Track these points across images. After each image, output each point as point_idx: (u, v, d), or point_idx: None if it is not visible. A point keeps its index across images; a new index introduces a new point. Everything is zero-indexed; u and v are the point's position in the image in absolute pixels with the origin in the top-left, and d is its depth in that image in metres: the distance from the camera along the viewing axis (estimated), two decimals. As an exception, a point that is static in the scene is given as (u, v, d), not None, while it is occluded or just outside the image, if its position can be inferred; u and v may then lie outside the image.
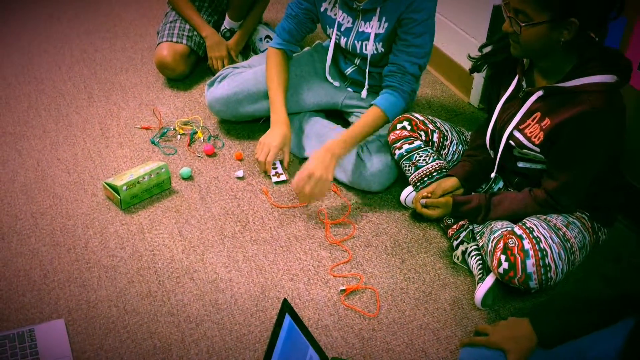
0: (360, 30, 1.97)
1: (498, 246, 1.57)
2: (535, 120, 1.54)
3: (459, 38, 2.48)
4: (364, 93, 2.13)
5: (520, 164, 1.67)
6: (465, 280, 1.76)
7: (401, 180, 2.04)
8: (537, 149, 1.55)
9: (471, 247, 1.76)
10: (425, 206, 1.77)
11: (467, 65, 2.37)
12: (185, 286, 1.71)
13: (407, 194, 1.95)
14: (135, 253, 1.80)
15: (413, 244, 1.87)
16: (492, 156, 1.72)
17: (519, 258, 1.51)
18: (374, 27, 1.93)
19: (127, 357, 1.52)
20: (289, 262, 1.79)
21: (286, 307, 1.38)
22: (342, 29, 2.01)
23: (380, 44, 1.95)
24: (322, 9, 2.02)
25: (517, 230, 1.56)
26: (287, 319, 1.38)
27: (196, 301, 1.67)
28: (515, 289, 1.64)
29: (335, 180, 2.08)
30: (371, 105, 1.95)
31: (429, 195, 1.76)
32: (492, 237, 1.62)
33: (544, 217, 1.60)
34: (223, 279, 1.73)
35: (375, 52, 1.97)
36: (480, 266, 1.70)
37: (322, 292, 1.71)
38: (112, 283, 1.71)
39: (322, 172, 1.82)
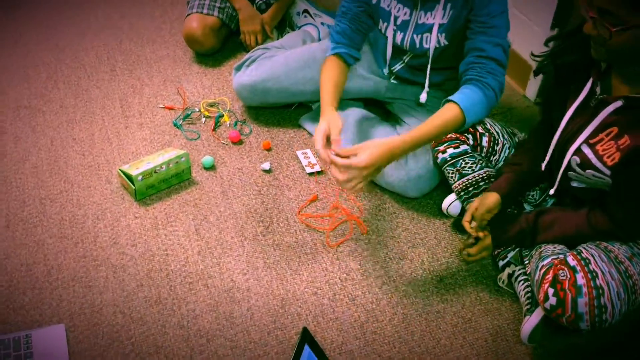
0: (420, 22, 1.68)
1: (546, 277, 1.36)
2: (611, 137, 1.30)
3: (517, 22, 2.21)
4: (423, 97, 1.80)
5: (575, 184, 1.44)
6: (510, 308, 1.56)
7: (443, 185, 1.83)
8: (608, 172, 1.32)
9: (519, 270, 1.56)
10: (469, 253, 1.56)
11: (523, 51, 2.12)
12: (198, 294, 1.55)
13: (450, 202, 1.74)
14: (147, 252, 1.65)
15: (453, 260, 1.67)
16: (544, 170, 1.50)
17: (570, 295, 1.30)
18: (437, 16, 1.65)
19: (130, 373, 1.39)
20: (314, 273, 1.62)
21: (306, 338, 1.22)
22: (399, 22, 1.71)
23: (444, 35, 1.67)
24: (374, 1, 1.72)
25: (571, 260, 1.34)
26: (307, 349, 1.22)
27: (209, 312, 1.51)
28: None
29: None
30: (446, 101, 1.59)
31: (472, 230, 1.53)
32: (540, 265, 1.40)
33: (604, 245, 1.38)
34: (240, 289, 1.57)
35: (438, 45, 1.70)
36: (529, 294, 1.49)
37: (348, 311, 1.53)
38: (119, 285, 1.56)
39: (374, 172, 1.48)
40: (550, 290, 1.33)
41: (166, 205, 1.79)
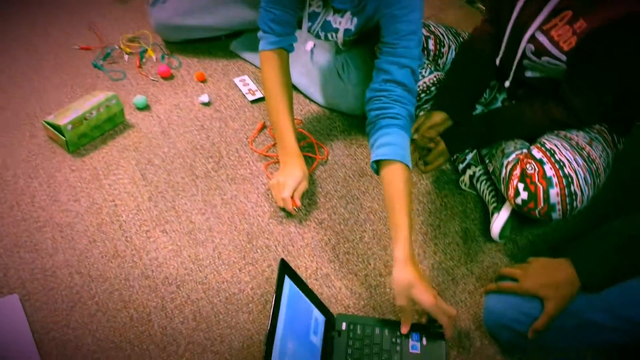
0: (327, 19, 1.55)
1: (514, 173, 1.36)
2: (565, 21, 1.28)
3: None
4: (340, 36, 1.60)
5: (529, 74, 1.43)
6: (475, 209, 1.57)
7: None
8: (564, 57, 1.30)
9: (479, 171, 1.56)
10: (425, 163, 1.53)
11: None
12: (157, 241, 1.46)
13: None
14: (93, 205, 1.52)
15: (414, 170, 1.64)
16: (498, 64, 1.47)
17: (541, 187, 1.31)
18: (343, 23, 1.53)
19: (100, 333, 1.29)
20: (275, 202, 1.55)
21: (285, 269, 1.17)
22: (310, 11, 1.56)
23: (351, 35, 1.57)
24: None
25: (536, 152, 1.35)
26: (287, 281, 1.17)
27: (173, 258, 1.43)
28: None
29: (312, 101, 1.82)
30: (376, 163, 1.36)
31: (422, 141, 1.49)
32: (505, 162, 1.40)
33: (564, 133, 1.40)
34: (201, 229, 1.49)
35: (346, 38, 1.60)
36: (493, 193, 1.50)
37: (317, 236, 1.49)
38: (69, 244, 1.44)
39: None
40: (520, 185, 1.33)
41: (104, 154, 1.65)
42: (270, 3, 1.49)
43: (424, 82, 1.58)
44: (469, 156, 1.57)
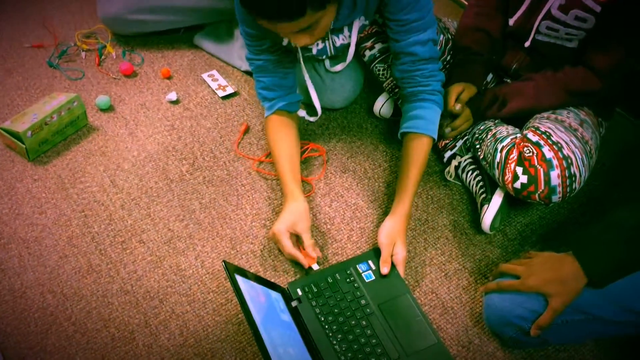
0: (337, 45, 1.46)
1: (510, 157, 1.33)
2: None
3: None
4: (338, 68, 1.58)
5: (541, 37, 1.39)
6: (462, 200, 1.53)
7: (370, 86, 1.73)
8: (598, 8, 1.25)
9: (465, 160, 1.52)
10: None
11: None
12: (135, 252, 1.37)
13: (382, 103, 1.65)
14: (60, 217, 1.42)
15: (395, 162, 1.60)
16: (513, 25, 1.43)
17: (541, 169, 1.28)
18: (353, 32, 1.41)
19: (81, 357, 1.20)
20: (257, 204, 1.48)
21: (231, 270, 1.11)
22: (314, 52, 1.47)
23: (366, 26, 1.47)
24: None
25: (532, 136, 1.32)
26: (240, 279, 1.11)
27: (153, 270, 1.34)
28: (520, 202, 1.44)
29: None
30: (404, 134, 1.40)
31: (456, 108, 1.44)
32: (499, 147, 1.37)
33: (554, 116, 1.38)
34: (181, 237, 1.40)
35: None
36: (481, 183, 1.47)
37: (304, 237, 1.43)
38: (38, 261, 1.34)
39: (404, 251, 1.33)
40: (519, 169, 1.30)
41: (68, 160, 1.54)
42: (257, 73, 1.45)
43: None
44: (459, 143, 1.53)
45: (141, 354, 1.21)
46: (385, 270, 1.30)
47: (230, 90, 1.73)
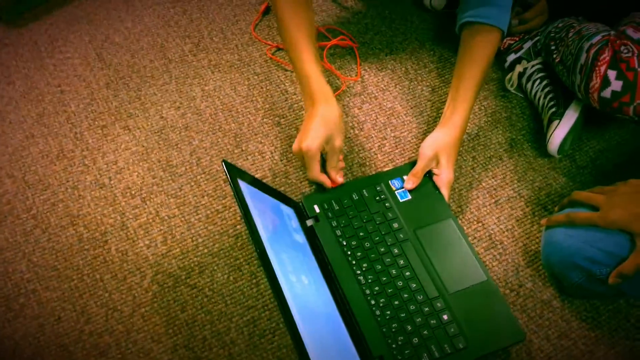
0: None
1: (600, 57, 1.03)
2: None
3: None
4: None
5: None
6: (522, 115, 1.25)
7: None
8: None
9: (533, 67, 1.23)
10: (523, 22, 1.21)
11: None
12: (117, 140, 1.11)
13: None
14: (31, 90, 1.16)
15: (444, 64, 1.31)
16: None
17: None
18: None
19: (39, 257, 0.97)
20: (272, 98, 1.21)
21: (232, 171, 0.84)
22: None
23: None
24: None
25: (632, 32, 1.02)
26: (243, 185, 0.85)
27: (138, 163, 1.09)
28: (595, 122, 1.16)
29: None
30: (466, 25, 1.10)
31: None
32: (586, 45, 1.06)
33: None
34: (176, 127, 1.14)
35: None
36: (552, 95, 1.18)
37: (325, 141, 1.16)
38: (0, 139, 1.10)
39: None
40: (611, 73, 1.00)
41: (48, 25, 1.27)
42: None
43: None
44: (527, 44, 1.23)
45: (113, 261, 0.98)
46: (410, 184, 1.04)
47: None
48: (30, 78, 1.18)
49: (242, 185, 0.84)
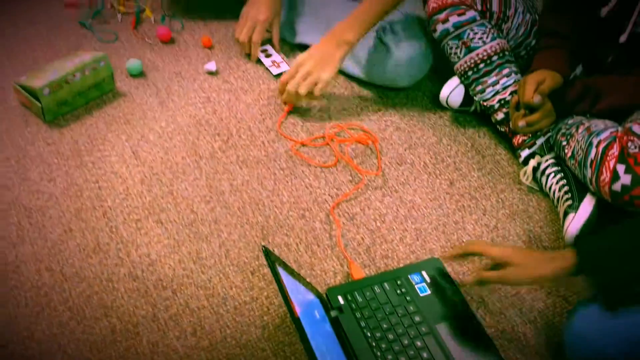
0: None
1: (609, 152, 1.08)
2: None
3: None
4: None
5: None
6: (539, 208, 1.29)
7: (432, 72, 1.51)
8: None
9: (547, 161, 1.28)
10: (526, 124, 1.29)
11: None
12: (150, 234, 1.17)
13: (451, 89, 1.42)
14: (71, 187, 1.23)
15: (461, 158, 1.37)
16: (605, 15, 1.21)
17: None
18: None
19: (73, 349, 1.00)
20: (296, 192, 1.27)
21: (272, 257, 0.88)
22: None
23: None
24: None
25: (638, 129, 1.08)
26: (282, 271, 0.88)
27: (169, 256, 1.14)
28: (611, 212, 1.19)
29: (345, 74, 1.54)
30: None
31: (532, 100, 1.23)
32: (595, 141, 1.12)
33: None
34: (205, 221, 1.20)
35: None
36: (566, 188, 1.22)
37: (348, 234, 1.20)
38: (39, 234, 1.15)
39: (317, 65, 1.31)
40: (620, 167, 1.06)
41: (87, 126, 1.36)
42: None
43: (485, 51, 1.30)
44: (540, 140, 1.29)
45: (144, 352, 1.01)
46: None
47: (285, 67, 1.52)
48: (70, 175, 1.26)
49: (281, 271, 0.88)
